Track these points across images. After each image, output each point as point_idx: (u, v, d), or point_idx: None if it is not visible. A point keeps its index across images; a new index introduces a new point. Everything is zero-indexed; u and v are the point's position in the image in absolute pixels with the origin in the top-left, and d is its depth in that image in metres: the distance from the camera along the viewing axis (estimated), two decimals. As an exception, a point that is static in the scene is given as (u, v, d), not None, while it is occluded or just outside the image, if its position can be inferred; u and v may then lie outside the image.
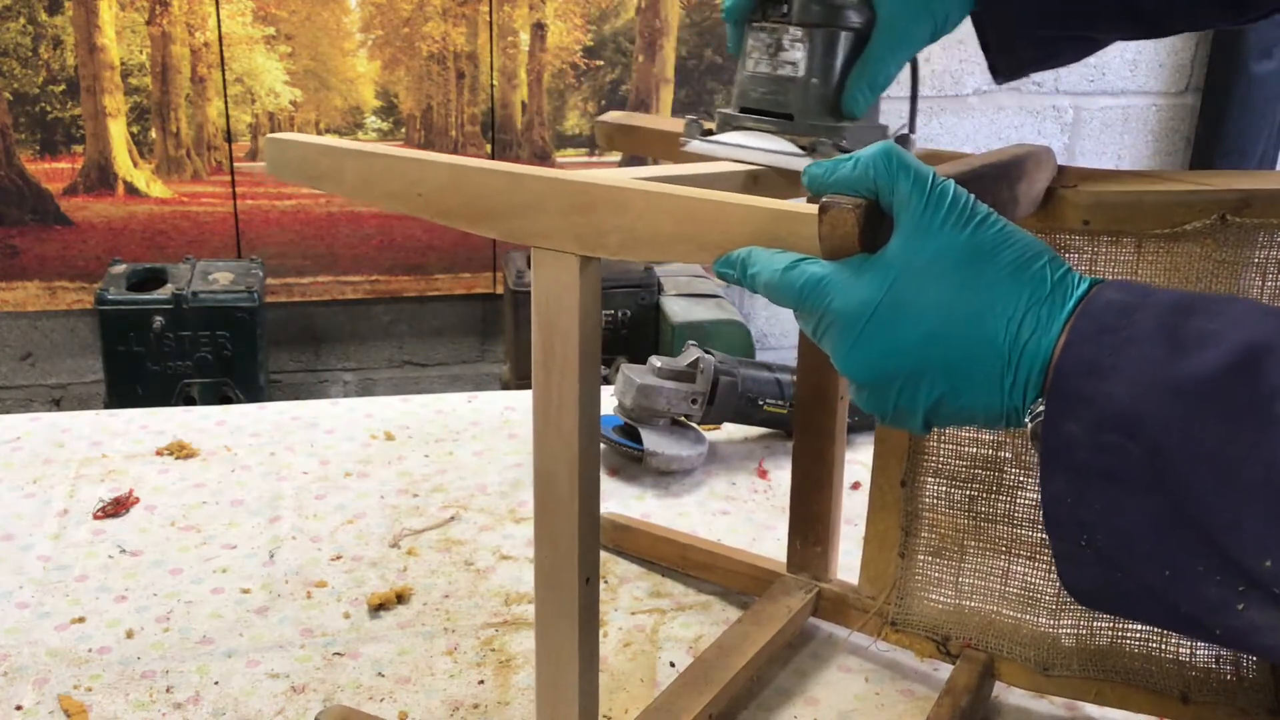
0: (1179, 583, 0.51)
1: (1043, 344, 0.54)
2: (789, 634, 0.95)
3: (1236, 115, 3.09)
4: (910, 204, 0.57)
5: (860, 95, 0.75)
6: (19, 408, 2.79)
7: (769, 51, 0.77)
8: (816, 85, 0.75)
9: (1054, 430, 0.53)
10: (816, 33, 0.75)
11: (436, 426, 1.35)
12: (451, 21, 2.72)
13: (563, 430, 0.68)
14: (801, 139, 0.75)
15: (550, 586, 0.71)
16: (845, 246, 0.58)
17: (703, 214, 0.61)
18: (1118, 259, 0.80)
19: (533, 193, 0.65)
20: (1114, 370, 0.51)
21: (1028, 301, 0.55)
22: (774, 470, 1.27)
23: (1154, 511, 0.50)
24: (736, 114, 0.79)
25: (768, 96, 0.77)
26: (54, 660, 0.92)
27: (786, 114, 0.76)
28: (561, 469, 0.69)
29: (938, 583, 0.92)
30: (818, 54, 0.75)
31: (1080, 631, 0.87)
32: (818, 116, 0.76)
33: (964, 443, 0.89)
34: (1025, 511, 0.88)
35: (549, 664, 0.73)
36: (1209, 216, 0.76)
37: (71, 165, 2.63)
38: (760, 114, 0.77)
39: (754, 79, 0.77)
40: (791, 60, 0.76)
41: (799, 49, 0.75)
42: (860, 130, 0.77)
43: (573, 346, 0.66)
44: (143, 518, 1.13)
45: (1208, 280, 0.77)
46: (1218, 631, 0.51)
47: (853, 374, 0.58)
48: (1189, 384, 0.49)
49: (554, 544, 0.70)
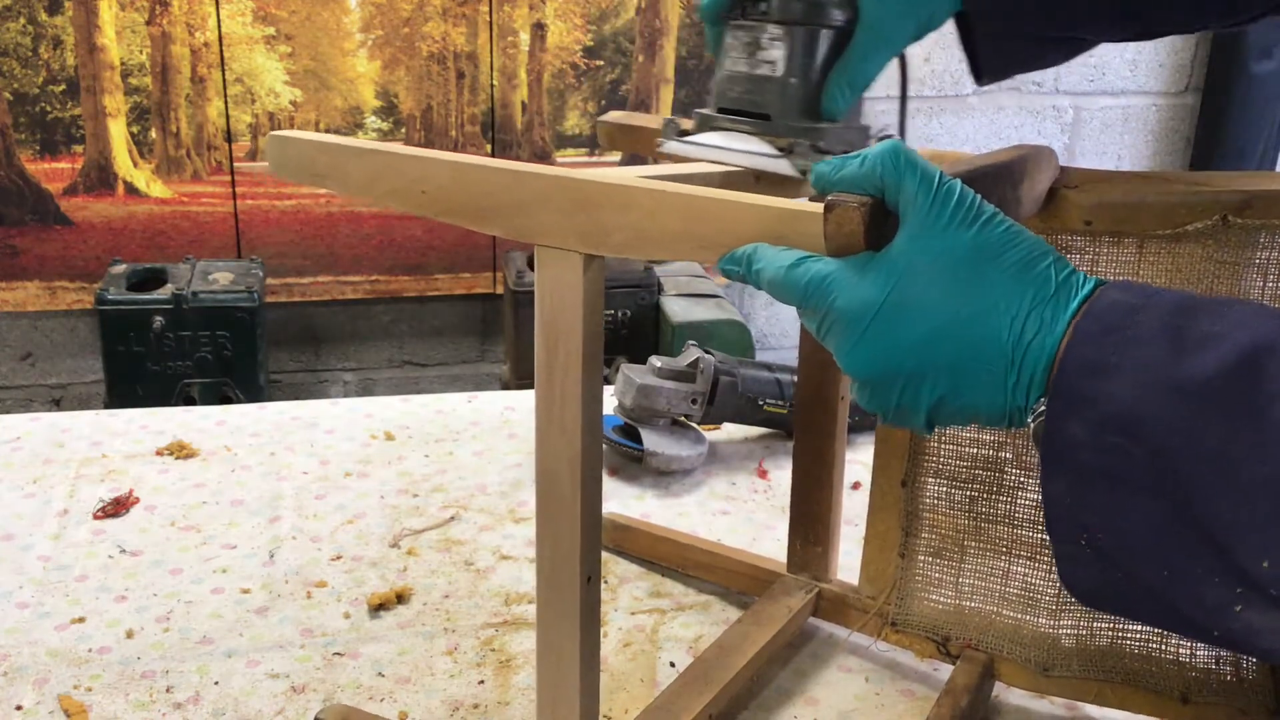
0: (1178, 583, 0.51)
1: (1046, 344, 0.54)
2: (789, 634, 0.95)
3: (1236, 115, 3.09)
4: (916, 202, 0.57)
5: (840, 95, 0.73)
6: (19, 408, 2.79)
7: (747, 50, 0.74)
8: (795, 85, 0.73)
9: (1056, 430, 0.52)
10: (796, 31, 0.73)
11: (436, 426, 1.35)
12: (451, 21, 2.72)
13: (565, 429, 0.68)
14: (779, 140, 0.74)
15: (551, 586, 0.71)
16: (850, 245, 0.58)
17: (708, 212, 0.61)
18: (1119, 259, 0.80)
19: (536, 190, 0.65)
20: (1117, 370, 0.51)
21: (1032, 301, 0.54)
22: (774, 470, 1.27)
23: (1154, 512, 0.50)
24: (714, 114, 0.76)
25: (745, 96, 0.75)
26: (54, 660, 0.92)
27: (764, 114, 0.74)
28: (564, 468, 0.69)
29: (938, 583, 0.92)
30: (797, 53, 0.73)
31: (1080, 632, 0.87)
32: (796, 117, 0.74)
33: (965, 443, 0.89)
34: (1026, 512, 0.88)
35: (550, 664, 0.73)
36: (1210, 217, 0.76)
37: (71, 165, 2.63)
38: (738, 114, 0.75)
39: (732, 78, 0.75)
40: (770, 59, 0.74)
41: (778, 48, 0.73)
42: (840, 131, 0.75)
43: (576, 345, 0.66)
44: (143, 518, 1.13)
45: (1209, 281, 0.77)
46: (1216, 633, 0.52)
47: (856, 372, 0.58)
48: (1191, 385, 0.49)
49: (555, 543, 0.70)
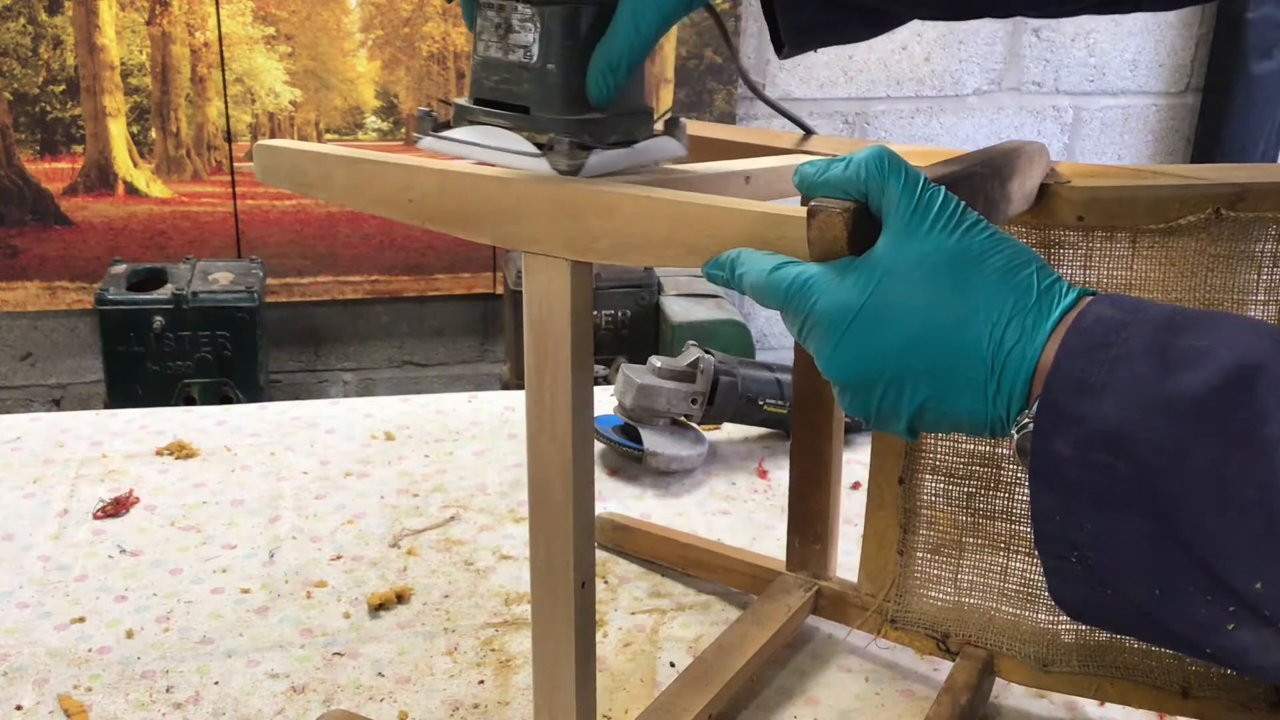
0: (1169, 602, 0.50)
1: (1026, 354, 0.53)
2: (789, 633, 0.95)
3: (1236, 115, 3.09)
4: (899, 207, 0.56)
5: (603, 80, 0.64)
6: (19, 408, 2.79)
7: (499, 33, 0.65)
8: (554, 72, 0.64)
9: (1043, 447, 0.52)
10: (549, 10, 0.63)
11: (436, 426, 1.35)
12: (452, 21, 2.72)
13: (556, 435, 0.68)
14: (538, 135, 0.65)
15: (546, 591, 0.71)
16: (834, 249, 0.57)
17: (693, 217, 0.60)
18: (1112, 254, 0.80)
19: (522, 198, 0.64)
20: (1104, 388, 0.50)
21: (1012, 309, 0.54)
22: (774, 470, 1.27)
23: (1144, 531, 0.50)
24: (470, 106, 0.68)
25: (501, 86, 0.66)
26: (54, 660, 0.92)
27: (521, 106, 0.66)
28: (555, 474, 0.68)
29: (937, 580, 0.93)
30: (554, 36, 0.64)
31: (1080, 628, 0.87)
32: (558, 109, 0.65)
33: (961, 440, 0.89)
34: (1023, 508, 0.88)
35: (546, 669, 0.73)
36: (1203, 211, 0.76)
37: (71, 165, 2.64)
38: (494, 106, 0.67)
39: (486, 65, 0.66)
40: (523, 44, 0.64)
41: (529, 30, 0.64)
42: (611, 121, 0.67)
43: (564, 351, 0.66)
44: (143, 518, 1.13)
45: (1202, 274, 0.77)
46: (1208, 650, 0.51)
47: (835, 375, 0.58)
48: (1180, 403, 0.48)
49: (549, 549, 0.70)
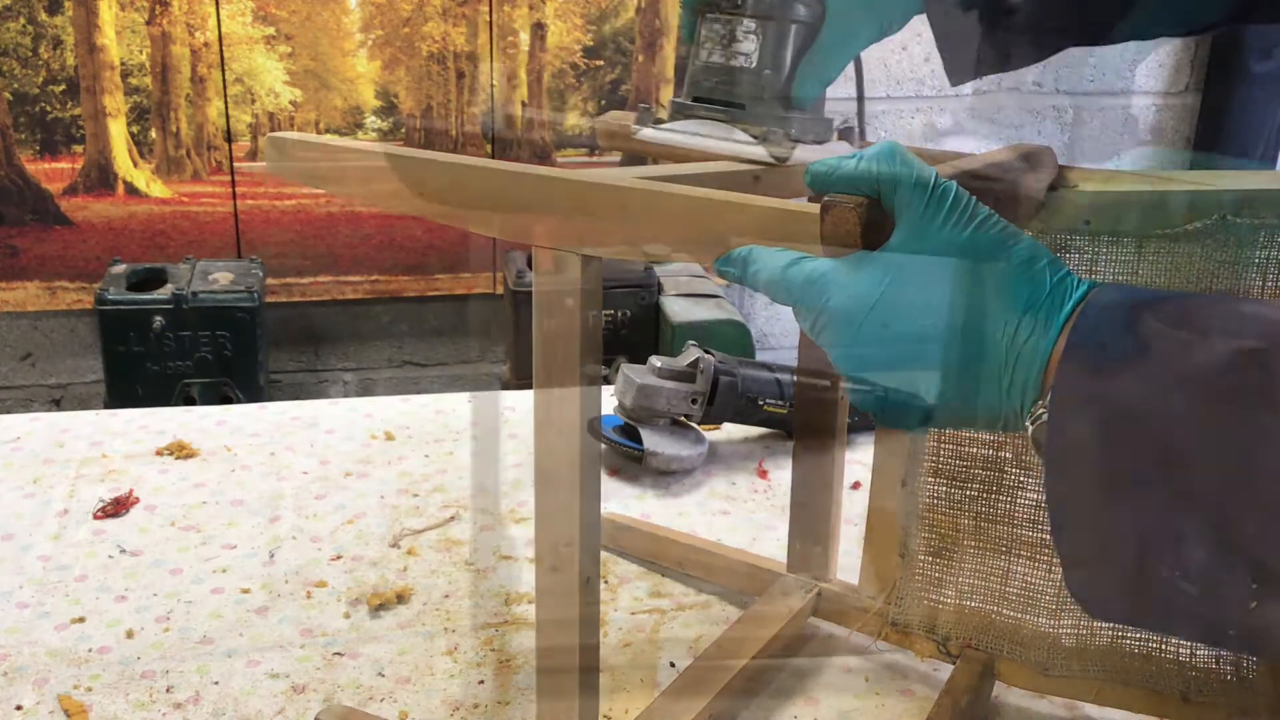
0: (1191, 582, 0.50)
1: (1040, 346, 0.53)
2: (789, 634, 0.95)
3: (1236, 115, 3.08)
4: (912, 202, 0.57)
5: (810, 86, 0.77)
6: (19, 408, 2.79)
7: (723, 42, 0.78)
8: (769, 76, 0.77)
9: (1057, 433, 0.52)
10: (769, 24, 0.76)
11: (436, 426, 1.35)
12: (451, 21, 2.72)
13: (563, 430, 0.68)
14: (753, 128, 0.76)
15: (550, 587, 0.71)
16: (847, 245, 0.57)
17: (704, 213, 0.61)
18: (1119, 259, 0.80)
19: (534, 192, 0.65)
20: (1117, 370, 0.50)
21: (1025, 303, 0.54)
22: (774, 470, 1.27)
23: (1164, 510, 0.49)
24: (689, 103, 0.79)
25: (721, 86, 0.78)
26: (54, 660, 0.92)
27: (739, 103, 0.77)
28: (562, 469, 0.68)
29: (938, 583, 0.92)
30: (770, 45, 0.76)
31: (1080, 632, 0.87)
32: (769, 106, 0.77)
33: (964, 442, 0.89)
34: (1025, 511, 0.88)
35: (549, 665, 0.73)
36: (1210, 216, 0.76)
37: (71, 165, 2.63)
38: (713, 103, 0.78)
39: (707, 69, 0.78)
40: (745, 51, 0.77)
41: (752, 40, 0.77)
42: (809, 121, 0.78)
43: (573, 346, 0.66)
44: (143, 518, 1.13)
45: (1208, 280, 0.77)
46: (1231, 631, 0.51)
47: (849, 370, 0.58)
48: (1197, 379, 0.48)
49: (554, 545, 0.70)
